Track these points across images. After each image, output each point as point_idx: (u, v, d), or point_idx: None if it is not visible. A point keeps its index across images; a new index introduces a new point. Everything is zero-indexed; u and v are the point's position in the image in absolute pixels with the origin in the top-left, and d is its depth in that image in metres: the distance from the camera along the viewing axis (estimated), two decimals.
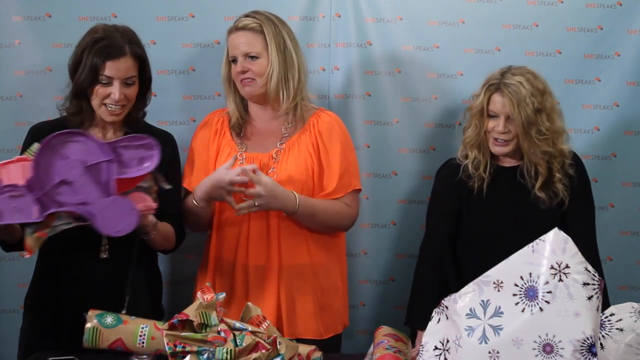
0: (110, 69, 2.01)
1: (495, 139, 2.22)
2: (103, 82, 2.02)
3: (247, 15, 2.20)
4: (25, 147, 2.07)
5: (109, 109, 2.05)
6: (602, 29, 2.64)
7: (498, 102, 2.19)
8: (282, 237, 2.16)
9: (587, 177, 2.32)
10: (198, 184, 2.19)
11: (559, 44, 2.64)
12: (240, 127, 2.26)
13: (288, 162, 2.17)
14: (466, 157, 2.28)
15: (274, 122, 2.24)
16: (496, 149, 2.24)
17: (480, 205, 2.25)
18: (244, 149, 2.22)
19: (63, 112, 2.11)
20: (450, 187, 2.30)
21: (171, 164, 2.18)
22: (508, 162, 2.29)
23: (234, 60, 2.19)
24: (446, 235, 2.28)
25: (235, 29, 2.20)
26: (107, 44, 2.02)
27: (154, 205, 1.91)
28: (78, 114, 2.08)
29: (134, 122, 2.14)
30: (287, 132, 2.23)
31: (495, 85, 2.21)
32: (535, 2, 2.63)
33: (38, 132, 2.08)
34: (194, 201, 2.15)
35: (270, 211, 2.15)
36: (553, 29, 2.63)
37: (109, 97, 2.03)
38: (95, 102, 2.05)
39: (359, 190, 2.27)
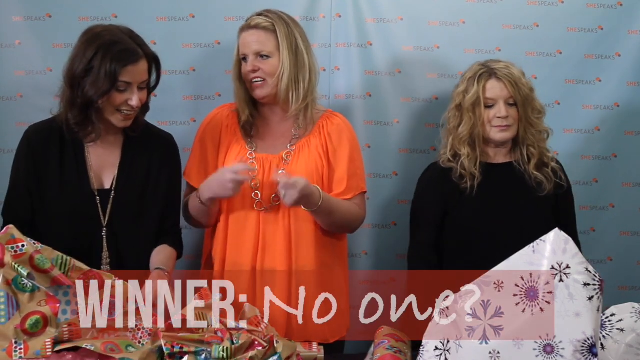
0: (129, 74, 1.94)
1: (496, 126, 2.21)
2: (120, 89, 1.94)
3: (259, 14, 2.17)
4: (21, 151, 2.06)
5: (124, 114, 1.98)
6: (602, 29, 2.64)
7: (495, 87, 2.19)
8: (291, 241, 2.15)
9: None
10: (196, 177, 2.19)
11: (559, 44, 2.64)
12: (251, 126, 2.23)
13: (298, 163, 2.15)
14: (454, 157, 2.26)
15: (284, 123, 2.22)
16: (499, 135, 2.22)
17: (475, 205, 2.23)
18: (254, 149, 2.20)
19: (60, 115, 2.04)
20: (435, 193, 2.27)
21: (173, 167, 2.16)
22: (498, 159, 2.28)
23: (245, 59, 2.16)
24: (431, 245, 2.26)
25: (247, 27, 2.17)
26: (123, 48, 1.94)
27: None
28: (84, 124, 2.00)
29: (138, 125, 2.08)
30: (297, 133, 2.21)
31: (486, 72, 2.21)
32: (535, 2, 2.63)
33: (35, 139, 2.05)
34: (200, 200, 2.12)
35: (279, 215, 2.14)
36: (553, 29, 2.64)
37: (125, 103, 1.96)
38: (108, 109, 1.97)
39: (365, 192, 2.27)
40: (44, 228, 2.00)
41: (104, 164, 2.07)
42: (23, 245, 1.70)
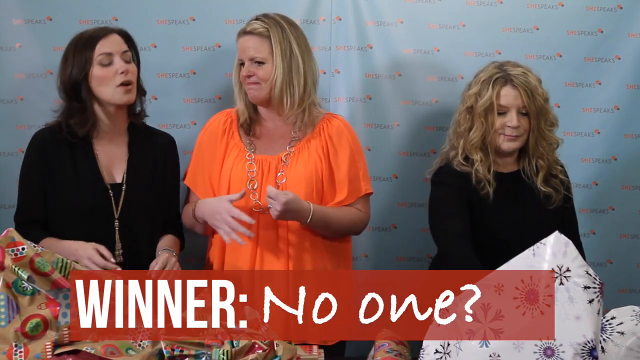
0: (105, 45, 2.07)
1: (506, 135, 2.15)
2: (104, 63, 2.06)
3: (257, 19, 2.20)
4: (31, 155, 2.12)
5: (121, 87, 2.08)
6: (602, 32, 2.64)
7: (510, 95, 2.12)
8: (291, 243, 2.16)
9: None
10: (202, 187, 2.22)
11: (559, 47, 2.65)
12: (250, 126, 2.26)
13: (297, 165, 2.17)
14: (466, 160, 2.19)
15: (283, 126, 2.24)
16: (507, 145, 2.16)
17: (491, 212, 2.16)
18: (253, 150, 2.22)
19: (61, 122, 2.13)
20: (458, 187, 2.16)
21: (174, 162, 2.27)
22: (507, 168, 2.24)
23: (243, 63, 2.19)
24: (466, 234, 2.09)
25: (243, 32, 2.19)
26: (91, 31, 2.10)
27: None
28: (85, 124, 2.10)
29: (135, 125, 2.20)
30: (297, 135, 2.22)
31: (502, 78, 2.14)
32: (535, 5, 2.63)
33: (44, 141, 2.12)
34: (193, 214, 2.19)
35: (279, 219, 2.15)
36: (553, 32, 2.64)
37: (116, 74, 2.07)
38: (105, 89, 2.07)
39: (370, 193, 2.27)
40: (59, 224, 2.09)
41: (113, 160, 2.17)
42: (23, 248, 1.70)
